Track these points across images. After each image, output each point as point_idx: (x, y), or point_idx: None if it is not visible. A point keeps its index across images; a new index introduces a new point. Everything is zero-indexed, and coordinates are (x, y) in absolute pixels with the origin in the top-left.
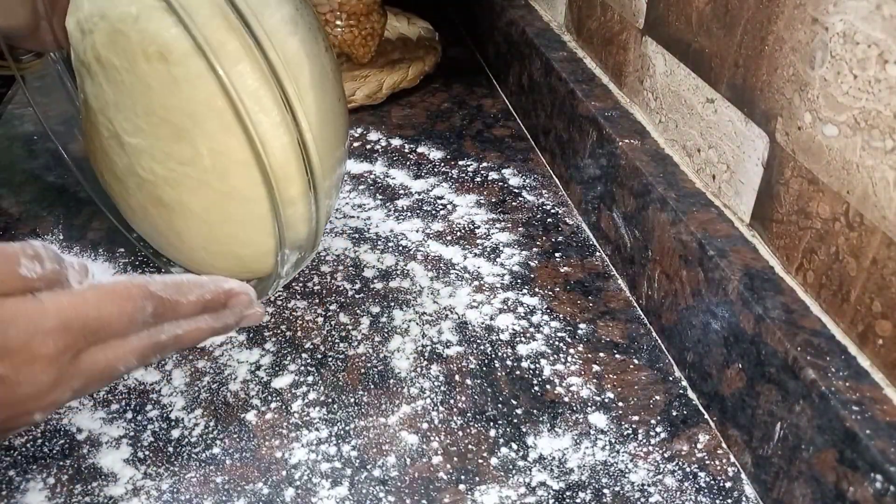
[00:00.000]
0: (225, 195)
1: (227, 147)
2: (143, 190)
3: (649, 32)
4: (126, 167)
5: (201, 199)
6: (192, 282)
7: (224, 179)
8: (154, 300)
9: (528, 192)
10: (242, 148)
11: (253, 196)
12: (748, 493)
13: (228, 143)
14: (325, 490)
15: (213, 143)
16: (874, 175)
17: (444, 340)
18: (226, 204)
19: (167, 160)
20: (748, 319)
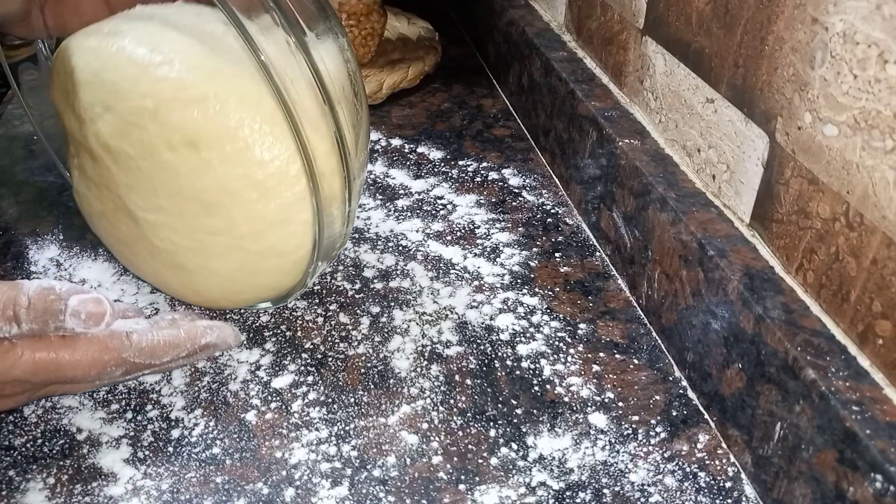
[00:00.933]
0: (259, 254)
1: (266, 211)
2: (158, 258)
3: (649, 32)
4: (136, 237)
5: (231, 263)
6: (168, 343)
7: (260, 241)
8: (125, 366)
9: (528, 192)
10: (281, 209)
11: (290, 248)
12: (748, 493)
13: (267, 207)
14: (325, 490)
15: (251, 211)
16: (874, 175)
17: (444, 340)
18: (259, 262)
19: (194, 233)
20: (748, 319)
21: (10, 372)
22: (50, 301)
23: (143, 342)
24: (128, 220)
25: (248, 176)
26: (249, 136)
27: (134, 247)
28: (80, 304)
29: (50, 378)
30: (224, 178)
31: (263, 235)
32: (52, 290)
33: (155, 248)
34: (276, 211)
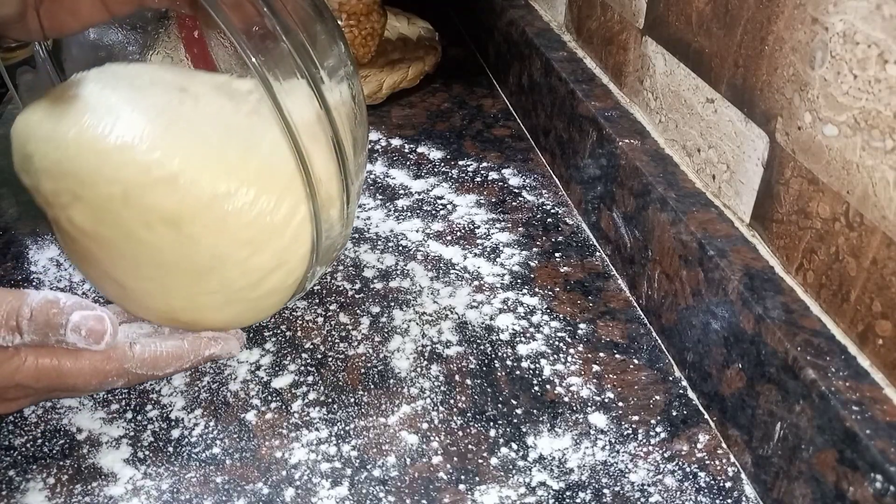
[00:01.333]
0: (260, 298)
1: (262, 262)
2: (153, 314)
3: (649, 32)
4: (127, 297)
5: (231, 311)
6: (171, 355)
7: (259, 288)
8: (127, 376)
9: (528, 192)
10: (276, 255)
11: (290, 283)
12: (748, 493)
13: (262, 259)
14: (325, 490)
15: (246, 267)
16: (874, 175)
17: (444, 340)
18: (260, 303)
19: (188, 295)
20: (748, 319)
21: (13, 377)
22: (52, 315)
23: (146, 353)
24: (116, 285)
25: (236, 239)
26: (228, 203)
27: (125, 303)
28: (82, 321)
29: (52, 385)
30: (211, 247)
31: (262, 283)
32: (56, 303)
33: (147, 307)
34: (272, 258)
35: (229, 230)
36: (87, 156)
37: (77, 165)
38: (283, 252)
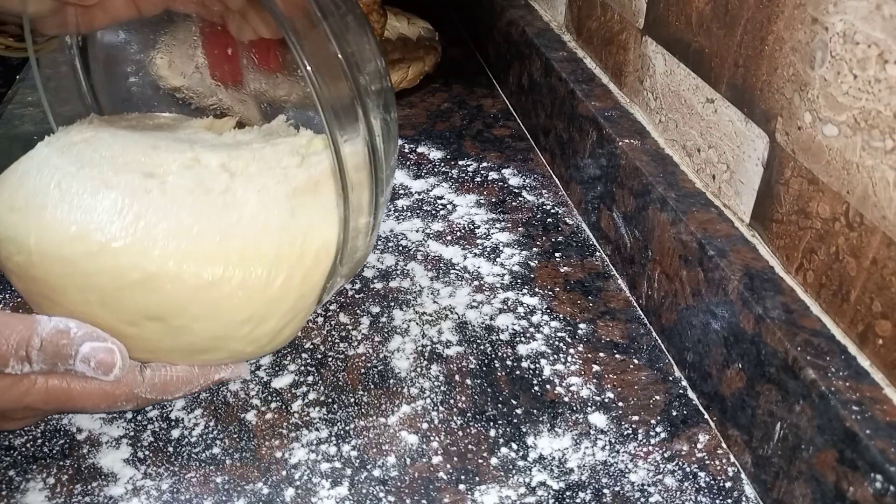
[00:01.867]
0: (273, 346)
1: (268, 329)
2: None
3: (649, 32)
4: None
5: (239, 354)
6: (181, 379)
7: (271, 345)
8: (136, 401)
9: (528, 192)
10: (284, 317)
11: (300, 325)
12: (748, 493)
13: (268, 327)
14: (325, 490)
15: (251, 338)
16: (874, 175)
17: (444, 340)
18: (275, 346)
19: (193, 361)
20: (748, 319)
21: (23, 399)
22: (62, 345)
23: (156, 378)
24: None
25: (232, 320)
26: (214, 291)
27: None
28: (92, 352)
29: (60, 407)
30: (207, 332)
31: (275, 339)
32: (67, 332)
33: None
34: (279, 322)
35: (223, 315)
36: (52, 263)
37: (44, 272)
38: (290, 312)
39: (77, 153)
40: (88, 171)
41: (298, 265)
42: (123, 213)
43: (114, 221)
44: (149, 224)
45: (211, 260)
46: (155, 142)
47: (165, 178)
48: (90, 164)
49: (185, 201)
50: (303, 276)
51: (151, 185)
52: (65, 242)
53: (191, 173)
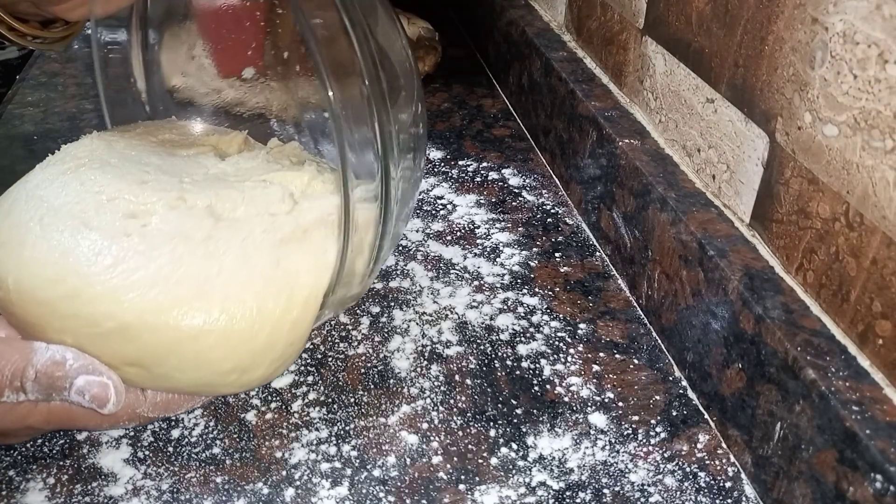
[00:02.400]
0: (264, 379)
1: (257, 377)
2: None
3: (649, 32)
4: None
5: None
6: (182, 397)
7: (266, 378)
8: (138, 419)
9: (528, 192)
10: (273, 364)
11: (291, 359)
12: (748, 493)
13: (255, 375)
14: (325, 490)
15: (240, 384)
16: (874, 175)
17: (444, 340)
18: (264, 381)
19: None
20: (748, 319)
21: (25, 420)
22: (56, 377)
23: (158, 397)
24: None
25: (217, 370)
26: (195, 343)
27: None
28: (86, 386)
29: (62, 426)
30: (192, 380)
31: (265, 381)
32: (62, 364)
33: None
34: (268, 368)
35: (206, 366)
36: (29, 305)
37: (21, 311)
38: (279, 359)
39: (64, 184)
40: (71, 208)
41: (285, 316)
42: (101, 256)
43: (91, 265)
44: (127, 270)
45: (190, 312)
46: (144, 175)
47: (148, 219)
48: (75, 199)
49: (165, 248)
50: (290, 325)
51: (133, 227)
52: (40, 284)
53: (175, 215)
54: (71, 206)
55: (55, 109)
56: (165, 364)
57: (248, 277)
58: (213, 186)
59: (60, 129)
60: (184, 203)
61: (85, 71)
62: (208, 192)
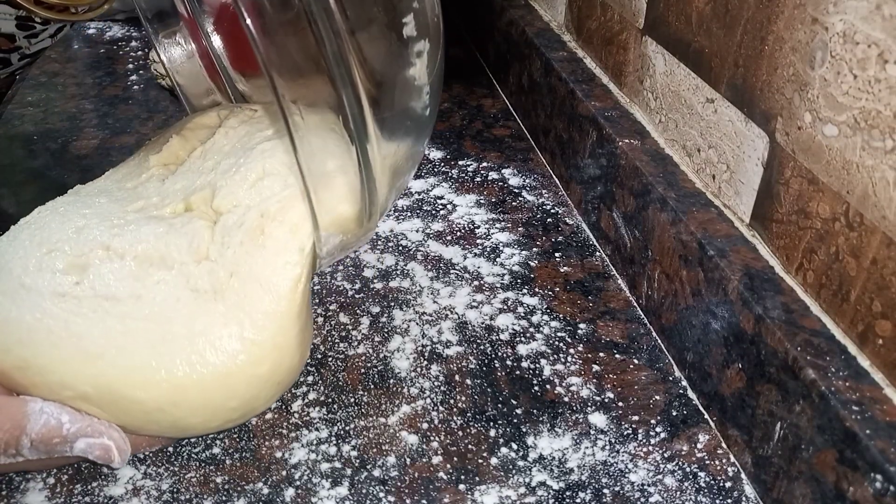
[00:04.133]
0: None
1: (253, 410)
2: None
3: (649, 32)
4: None
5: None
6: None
7: (280, 394)
8: (163, 443)
9: (528, 192)
10: (267, 400)
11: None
12: (748, 493)
13: (259, 398)
14: (325, 490)
15: (238, 417)
16: (874, 175)
17: (444, 340)
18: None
19: None
20: (748, 319)
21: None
22: (53, 444)
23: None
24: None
25: (194, 426)
26: (160, 414)
27: None
28: (88, 448)
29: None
30: (175, 429)
31: (267, 406)
32: (59, 429)
33: None
34: (265, 403)
35: (182, 423)
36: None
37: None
38: (273, 392)
39: (22, 238)
40: (14, 265)
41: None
42: (40, 323)
43: (33, 332)
44: (60, 341)
45: (134, 386)
46: (81, 220)
47: (82, 275)
48: (21, 254)
49: (94, 316)
50: (270, 367)
51: (67, 285)
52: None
53: (105, 271)
54: (14, 262)
55: (55, 109)
56: (138, 423)
57: (169, 340)
58: (142, 225)
59: (60, 129)
60: (108, 253)
61: (85, 71)
62: (136, 234)
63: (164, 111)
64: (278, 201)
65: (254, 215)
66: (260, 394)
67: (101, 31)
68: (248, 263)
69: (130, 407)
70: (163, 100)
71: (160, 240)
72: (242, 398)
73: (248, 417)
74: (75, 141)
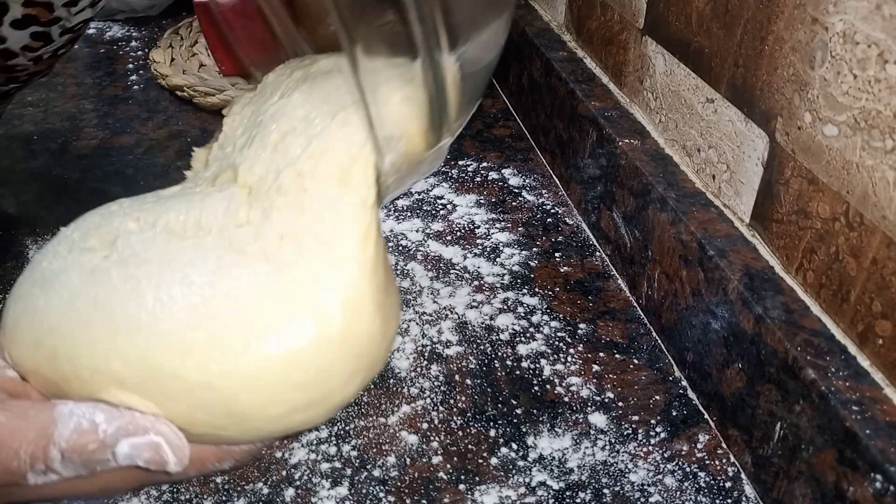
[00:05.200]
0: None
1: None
2: None
3: (649, 32)
4: None
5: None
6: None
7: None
8: (239, 458)
9: (528, 192)
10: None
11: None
12: (748, 493)
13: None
14: (325, 490)
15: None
16: (874, 175)
17: (444, 340)
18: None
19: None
20: (748, 319)
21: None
22: (90, 452)
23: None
24: None
25: (274, 389)
26: (225, 379)
27: None
28: (133, 452)
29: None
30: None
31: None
32: (94, 432)
33: None
34: (351, 366)
35: (243, 414)
36: (35, 376)
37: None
38: (353, 365)
39: (60, 234)
40: (45, 255)
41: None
42: (68, 307)
43: (62, 317)
44: (90, 320)
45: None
46: (117, 205)
47: (111, 250)
48: (54, 243)
49: (126, 288)
50: (336, 349)
51: (94, 261)
52: (25, 354)
53: (135, 240)
54: (45, 252)
55: (55, 109)
56: (196, 416)
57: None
58: (176, 199)
59: (60, 129)
60: (142, 223)
61: (85, 71)
62: (168, 204)
63: (164, 111)
64: (309, 157)
65: (289, 176)
66: (334, 367)
67: (101, 31)
68: (299, 224)
69: (171, 385)
70: (163, 100)
71: (194, 206)
72: (309, 371)
73: (327, 404)
74: (75, 141)
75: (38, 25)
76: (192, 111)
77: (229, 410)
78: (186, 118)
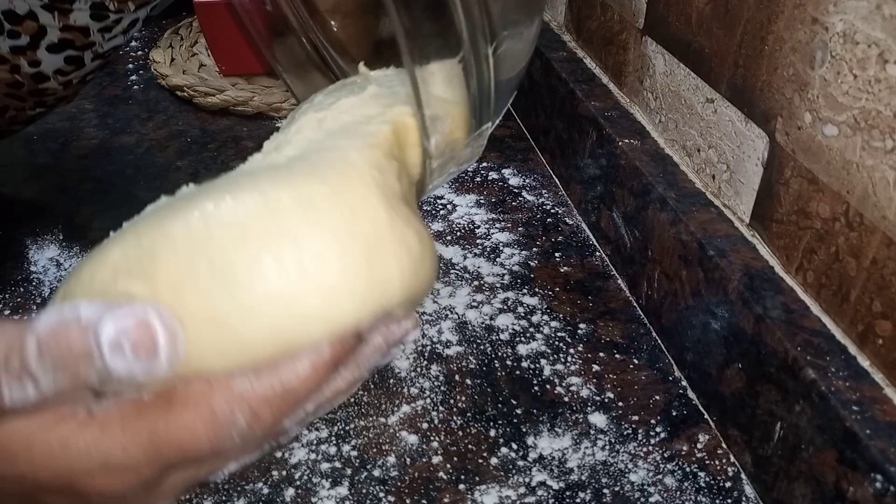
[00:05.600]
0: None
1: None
2: None
3: (649, 32)
4: None
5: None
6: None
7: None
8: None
9: (528, 192)
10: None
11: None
12: (748, 493)
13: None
14: (325, 490)
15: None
16: (874, 175)
17: (444, 340)
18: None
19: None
20: (748, 319)
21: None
22: (72, 340)
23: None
24: None
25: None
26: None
27: None
28: (120, 332)
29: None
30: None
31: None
32: (76, 317)
33: None
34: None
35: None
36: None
37: None
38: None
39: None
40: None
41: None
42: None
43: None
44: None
45: (165, 217)
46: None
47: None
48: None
49: (179, 206)
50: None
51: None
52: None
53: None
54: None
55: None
56: (204, 310)
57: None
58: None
59: (60, 129)
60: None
61: None
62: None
63: (164, 111)
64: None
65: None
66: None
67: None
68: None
69: (169, 261)
70: (163, 100)
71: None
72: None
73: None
74: (75, 141)
75: (73, 49)
76: (192, 111)
77: (238, 305)
78: (186, 118)
